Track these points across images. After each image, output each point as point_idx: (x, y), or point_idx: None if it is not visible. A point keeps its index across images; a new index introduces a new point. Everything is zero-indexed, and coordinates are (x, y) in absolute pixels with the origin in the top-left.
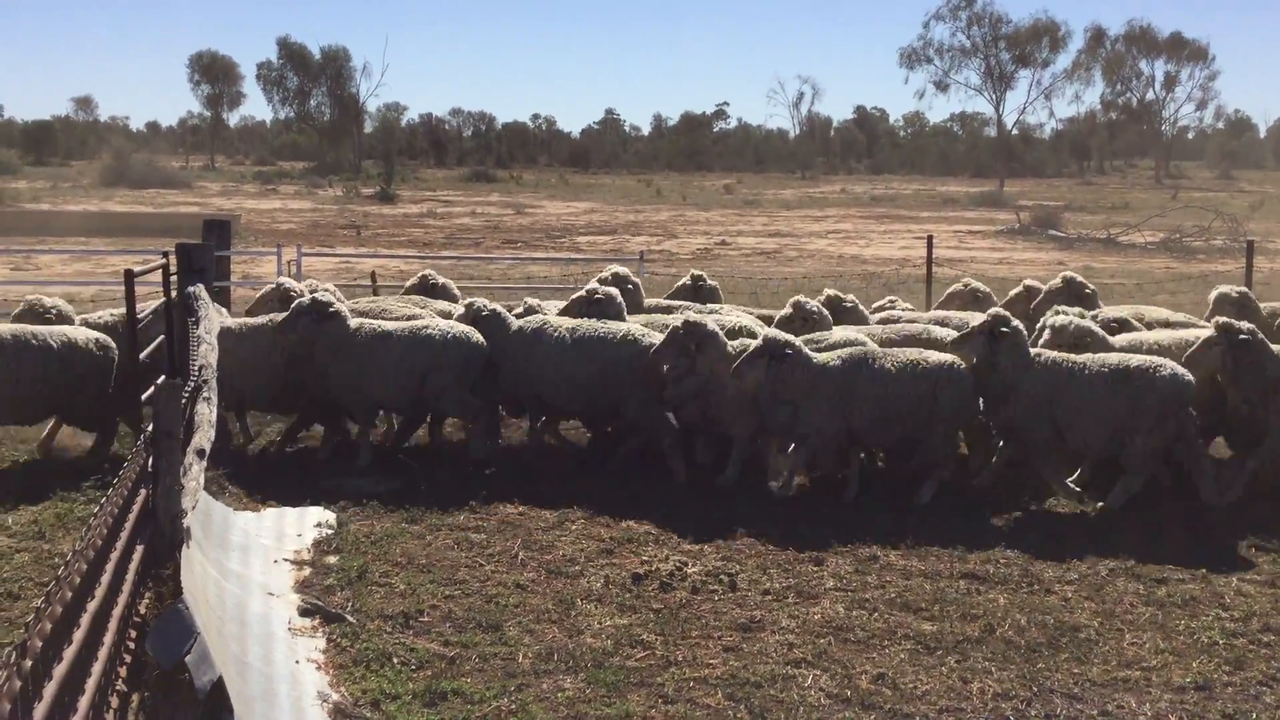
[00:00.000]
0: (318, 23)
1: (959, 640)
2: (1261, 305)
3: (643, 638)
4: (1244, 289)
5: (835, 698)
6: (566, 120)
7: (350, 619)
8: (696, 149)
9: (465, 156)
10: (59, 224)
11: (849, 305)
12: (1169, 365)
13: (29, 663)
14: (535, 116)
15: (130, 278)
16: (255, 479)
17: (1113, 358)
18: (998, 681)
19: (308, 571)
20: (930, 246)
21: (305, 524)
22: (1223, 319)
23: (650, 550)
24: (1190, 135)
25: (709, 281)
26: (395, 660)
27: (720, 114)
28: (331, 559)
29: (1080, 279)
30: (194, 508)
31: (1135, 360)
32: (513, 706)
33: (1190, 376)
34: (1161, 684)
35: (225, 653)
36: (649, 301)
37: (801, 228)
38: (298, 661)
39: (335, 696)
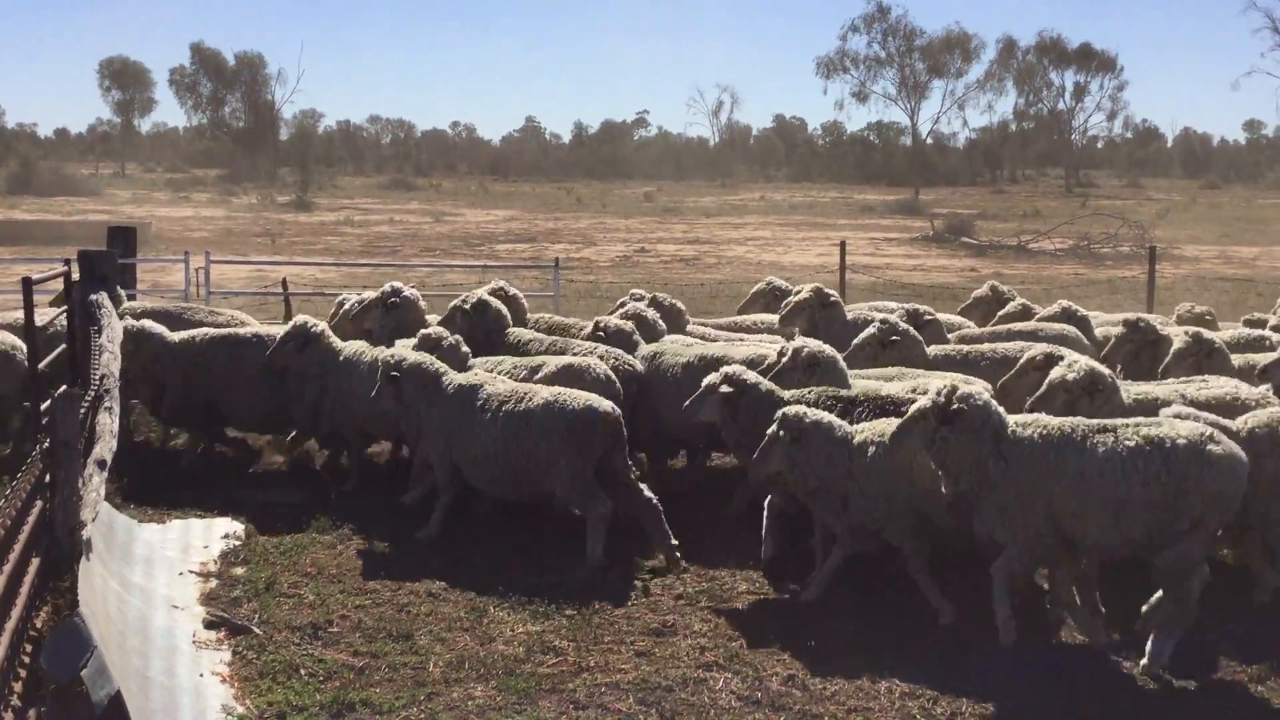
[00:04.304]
0: (232, 28)
1: (869, 642)
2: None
3: (555, 644)
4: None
5: (746, 700)
6: (486, 128)
7: (257, 630)
8: (617, 157)
9: (384, 164)
10: None
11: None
12: None
13: None
14: (455, 124)
15: (28, 285)
16: (162, 491)
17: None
18: (905, 680)
19: (214, 583)
20: (843, 253)
21: (212, 535)
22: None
23: (565, 557)
24: (1100, 144)
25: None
26: (303, 671)
27: (640, 122)
28: (239, 570)
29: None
30: (94, 519)
31: None
32: (422, 715)
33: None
34: None
35: (126, 667)
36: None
37: (721, 235)
38: (202, 675)
39: (240, 709)
